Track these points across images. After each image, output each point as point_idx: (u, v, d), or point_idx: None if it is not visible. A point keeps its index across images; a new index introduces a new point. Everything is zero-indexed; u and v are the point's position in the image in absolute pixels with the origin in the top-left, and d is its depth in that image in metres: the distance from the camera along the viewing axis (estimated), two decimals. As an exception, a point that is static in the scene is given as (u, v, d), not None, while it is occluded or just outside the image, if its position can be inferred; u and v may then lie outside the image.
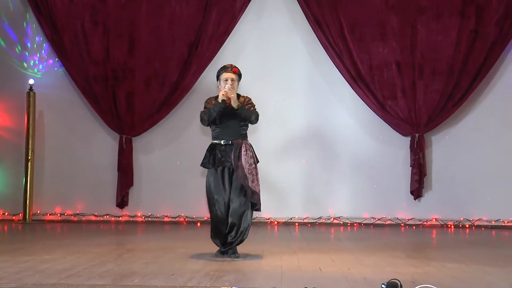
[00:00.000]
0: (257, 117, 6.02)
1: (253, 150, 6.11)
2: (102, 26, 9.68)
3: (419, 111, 9.54)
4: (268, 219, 9.59)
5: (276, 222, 9.67)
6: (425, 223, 9.59)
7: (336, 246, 7.09)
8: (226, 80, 6.07)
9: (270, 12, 9.81)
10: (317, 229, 9.11)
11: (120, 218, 9.73)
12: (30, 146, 9.50)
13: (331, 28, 9.56)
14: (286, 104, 9.63)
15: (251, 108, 6.00)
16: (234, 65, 6.16)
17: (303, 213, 9.70)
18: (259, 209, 6.07)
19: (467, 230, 9.24)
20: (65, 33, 9.68)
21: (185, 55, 9.64)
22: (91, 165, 9.77)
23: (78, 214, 9.75)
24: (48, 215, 9.73)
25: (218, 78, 6.15)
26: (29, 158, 9.49)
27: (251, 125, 6.17)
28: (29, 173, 9.48)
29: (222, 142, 6.03)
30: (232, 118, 6.03)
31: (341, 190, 9.71)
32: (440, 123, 9.59)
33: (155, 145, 9.86)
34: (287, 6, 9.77)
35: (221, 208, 6.00)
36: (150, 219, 9.73)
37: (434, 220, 9.61)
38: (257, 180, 5.99)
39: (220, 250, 6.05)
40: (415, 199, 9.61)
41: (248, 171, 5.93)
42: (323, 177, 9.71)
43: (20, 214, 9.56)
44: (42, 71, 9.86)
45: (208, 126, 6.12)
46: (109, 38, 9.67)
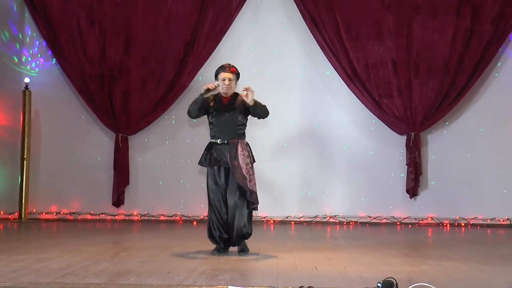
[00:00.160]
0: (267, 113, 6.13)
1: (250, 150, 6.13)
2: (98, 25, 9.66)
3: (415, 110, 9.55)
4: (264, 218, 9.59)
5: (272, 221, 9.67)
6: (421, 222, 9.61)
7: (332, 245, 7.10)
8: (224, 80, 6.10)
9: (266, 11, 9.81)
10: (313, 228, 9.12)
11: (116, 217, 9.72)
12: (26, 145, 9.48)
13: (327, 27, 9.56)
14: (282, 103, 9.62)
15: (263, 105, 6.07)
16: (232, 65, 6.19)
17: (299, 212, 9.71)
18: (256, 208, 6.12)
19: (463, 229, 9.26)
20: (61, 32, 9.66)
21: (181, 54, 9.64)
22: (87, 164, 9.76)
23: (74, 213, 9.74)
24: (44, 214, 9.71)
25: (216, 78, 6.19)
26: (25, 157, 9.48)
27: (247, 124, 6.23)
28: (25, 172, 9.46)
29: (219, 141, 6.07)
30: (229, 118, 6.06)
31: (337, 189, 9.72)
32: (436, 122, 9.61)
33: (151, 144, 9.86)
34: (283, 5, 9.77)
35: (217, 208, 6.03)
36: (146, 218, 9.72)
37: (430, 219, 9.62)
38: (254, 180, 6.03)
39: (216, 248, 6.08)
40: (411, 198, 9.62)
41: (246, 171, 5.95)
42: (319, 176, 9.72)
43: (16, 213, 9.54)
44: (38, 70, 9.84)
45: (194, 119, 6.19)
46: (105, 37, 9.65)
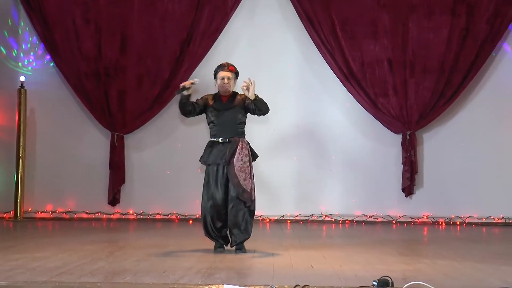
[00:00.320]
0: (268, 109, 6.09)
1: (250, 148, 6.14)
2: (94, 23, 9.64)
3: (411, 109, 9.56)
4: (260, 217, 9.57)
5: (268, 220, 9.67)
6: (417, 220, 9.62)
7: (328, 243, 7.11)
8: (223, 79, 6.11)
9: (262, 10, 9.80)
10: (309, 227, 9.12)
11: (112, 216, 9.71)
12: (21, 144, 9.46)
13: (323, 26, 9.56)
14: (278, 102, 9.60)
15: (264, 101, 6.04)
16: (231, 64, 6.19)
17: (295, 211, 9.71)
18: (251, 207, 6.06)
19: (458, 227, 9.28)
20: (57, 30, 9.63)
21: (177, 53, 9.63)
22: (83, 163, 9.74)
23: (70, 212, 9.73)
24: (40, 213, 9.69)
25: (215, 77, 6.19)
26: (20, 156, 9.46)
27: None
28: (20, 171, 9.45)
29: (220, 140, 6.08)
30: (230, 116, 6.08)
31: (333, 188, 9.73)
32: (432, 121, 9.63)
33: (147, 143, 9.85)
34: (279, 4, 9.76)
35: (212, 206, 6.03)
36: (142, 217, 9.71)
37: (425, 217, 9.64)
38: (250, 178, 6.00)
39: (217, 246, 6.11)
40: (407, 197, 9.63)
41: (241, 169, 5.95)
42: (315, 175, 9.72)
43: (11, 212, 9.52)
44: (33, 68, 9.81)
45: (185, 116, 6.23)
46: (101, 35, 9.63)
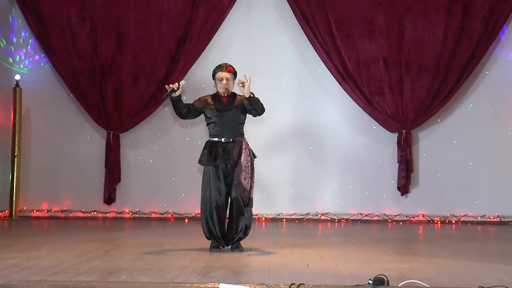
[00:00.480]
0: (264, 109, 6.10)
1: (250, 148, 6.15)
2: (89, 21, 9.63)
3: (406, 108, 9.58)
4: (256, 215, 9.58)
5: (264, 218, 9.68)
6: (412, 219, 9.64)
7: (324, 242, 7.12)
8: (222, 80, 6.12)
9: (258, 8, 9.80)
10: (305, 225, 9.13)
11: (108, 215, 9.70)
12: (17, 142, 9.44)
13: (319, 25, 9.57)
14: (274, 100, 9.61)
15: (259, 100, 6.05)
16: (229, 64, 6.21)
17: (291, 209, 9.72)
18: (249, 206, 6.09)
19: (453, 226, 9.29)
20: (52, 28, 9.62)
21: (173, 51, 9.62)
22: (78, 161, 9.73)
23: (65, 211, 9.71)
24: (35, 212, 9.68)
25: (214, 77, 6.20)
26: (16, 154, 9.44)
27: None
28: (16, 169, 9.43)
29: (223, 140, 6.07)
30: (232, 117, 6.09)
31: (329, 186, 9.74)
32: (427, 119, 9.64)
33: (143, 141, 9.84)
34: (275, 2, 9.77)
35: (217, 205, 6.03)
36: (138, 216, 9.71)
37: (421, 216, 9.66)
38: (250, 178, 6.03)
39: (215, 245, 6.12)
40: (402, 195, 9.64)
41: (244, 168, 5.98)
42: (311, 173, 9.73)
43: (7, 211, 9.50)
44: (29, 67, 9.80)
45: (181, 118, 6.20)
46: (96, 33, 9.62)
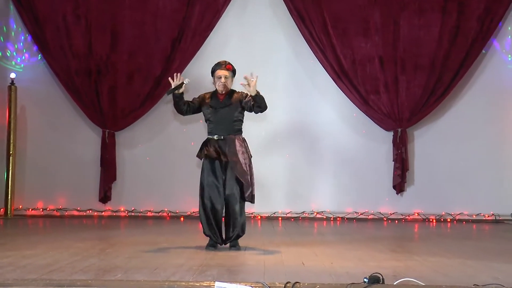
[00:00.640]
0: (267, 106, 6.23)
1: (246, 146, 6.16)
2: (85, 20, 9.61)
3: (402, 106, 9.59)
4: (252, 214, 9.59)
5: (260, 217, 9.68)
6: (407, 217, 9.65)
7: (319, 240, 7.12)
8: (220, 78, 6.13)
9: (254, 7, 9.80)
10: (300, 224, 9.14)
11: (103, 213, 9.69)
12: (12, 141, 9.43)
13: (315, 23, 9.57)
14: (269, 99, 9.56)
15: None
16: (228, 62, 6.21)
17: (287, 208, 9.72)
18: (251, 201, 6.12)
19: (449, 224, 9.32)
20: (47, 27, 9.60)
21: (168, 50, 9.61)
22: (74, 160, 9.71)
23: (61, 209, 9.70)
24: (30, 210, 9.66)
25: (213, 75, 6.22)
26: (11, 153, 9.42)
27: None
28: (11, 168, 9.41)
29: (215, 137, 6.10)
30: (226, 114, 6.10)
31: (324, 185, 9.75)
32: (423, 118, 9.66)
33: (138, 140, 9.83)
34: (271, 1, 9.77)
35: (213, 202, 6.03)
36: (133, 214, 9.70)
37: (416, 214, 9.67)
38: (250, 175, 6.07)
39: (212, 244, 6.10)
40: (398, 194, 9.66)
41: (244, 166, 6.00)
42: (307, 172, 9.74)
43: (2, 209, 9.48)
44: (24, 65, 9.77)
45: (181, 114, 6.25)
46: (92, 32, 9.60)
